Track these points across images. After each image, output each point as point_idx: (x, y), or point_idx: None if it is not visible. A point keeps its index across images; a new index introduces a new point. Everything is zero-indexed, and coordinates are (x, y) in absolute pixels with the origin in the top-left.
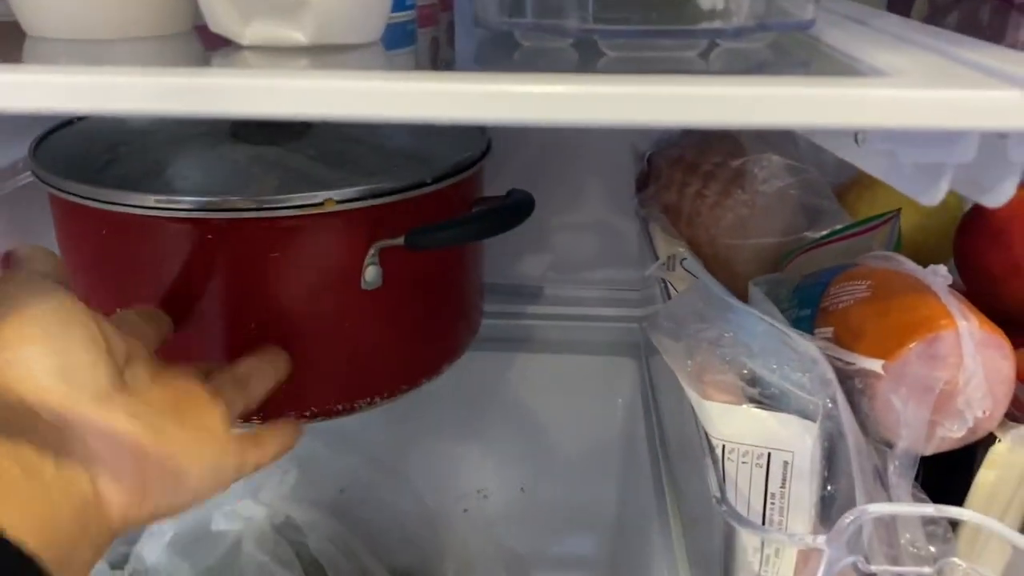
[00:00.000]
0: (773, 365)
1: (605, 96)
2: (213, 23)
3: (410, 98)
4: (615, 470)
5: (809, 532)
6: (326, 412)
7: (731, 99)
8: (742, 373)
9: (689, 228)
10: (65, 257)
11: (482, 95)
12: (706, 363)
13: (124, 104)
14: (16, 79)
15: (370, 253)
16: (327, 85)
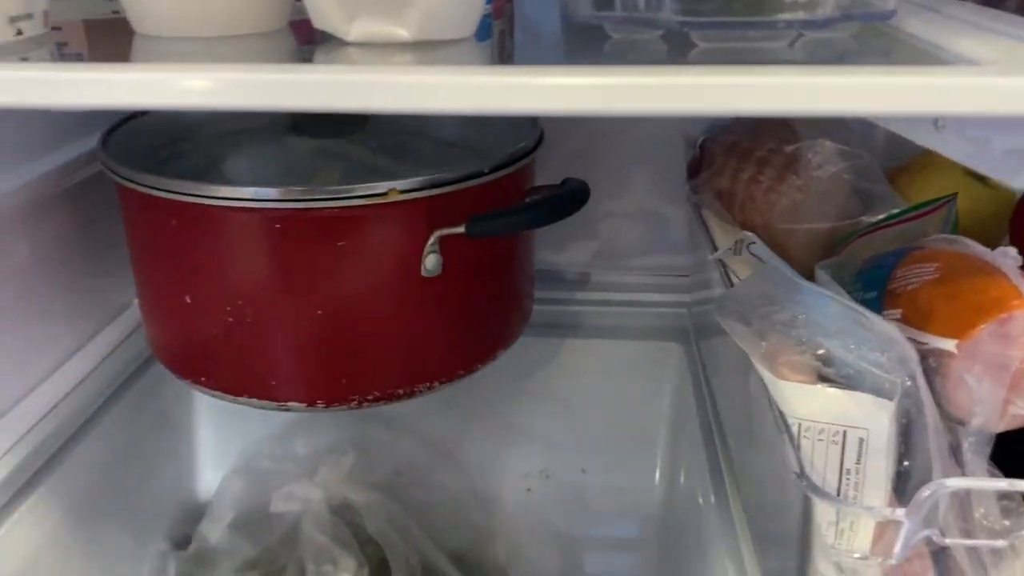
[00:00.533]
0: (851, 345)
1: (694, 85)
2: (318, 20)
3: (530, 90)
4: (662, 454)
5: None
6: (387, 396)
7: (829, 87)
8: (817, 353)
9: (743, 213)
10: (133, 248)
11: (601, 86)
12: (780, 344)
13: (250, 100)
14: (138, 77)
15: (430, 241)
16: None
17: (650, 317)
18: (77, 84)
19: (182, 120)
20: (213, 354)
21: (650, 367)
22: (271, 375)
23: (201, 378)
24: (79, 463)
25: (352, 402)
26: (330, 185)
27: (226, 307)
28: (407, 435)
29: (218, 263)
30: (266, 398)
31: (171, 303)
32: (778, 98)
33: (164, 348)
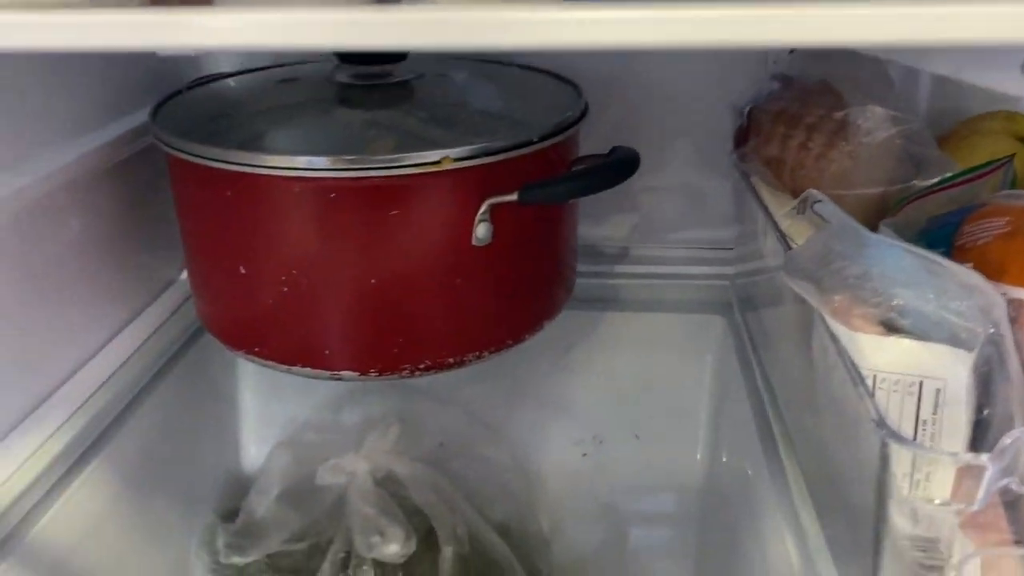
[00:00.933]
0: (929, 295)
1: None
2: None
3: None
4: (704, 426)
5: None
6: (438, 365)
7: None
8: (892, 304)
9: (793, 180)
10: (185, 221)
11: None
12: (854, 298)
13: (377, 40)
14: (268, 18)
15: (481, 210)
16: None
17: (691, 290)
18: (210, 28)
19: (228, 95)
20: (267, 324)
21: (691, 340)
22: (325, 344)
23: (255, 348)
24: (132, 435)
25: (404, 371)
26: (384, 154)
27: (281, 277)
28: (451, 407)
29: (273, 233)
30: (319, 367)
31: (225, 275)
32: (887, 28)
33: (216, 320)
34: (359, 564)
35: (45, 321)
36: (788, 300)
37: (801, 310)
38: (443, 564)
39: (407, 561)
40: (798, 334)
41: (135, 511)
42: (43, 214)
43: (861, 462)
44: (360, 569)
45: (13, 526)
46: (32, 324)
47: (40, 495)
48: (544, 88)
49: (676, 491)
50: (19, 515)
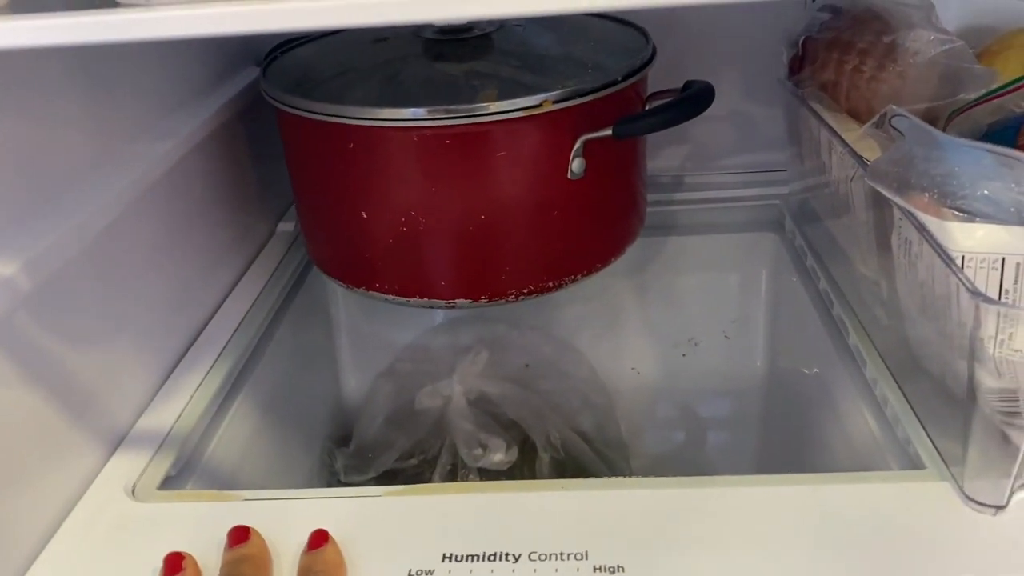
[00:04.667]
0: (1011, 184)
1: None
2: None
3: None
4: (763, 334)
5: None
6: (540, 289)
7: None
8: (978, 196)
9: (848, 101)
10: (302, 172)
11: None
12: (943, 193)
13: None
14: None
15: (576, 146)
16: None
17: (744, 211)
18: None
19: (327, 54)
20: (387, 262)
21: (747, 256)
22: (440, 276)
23: (375, 284)
24: (264, 371)
25: (510, 296)
26: (491, 101)
27: (400, 219)
28: (532, 331)
29: (393, 180)
30: (436, 297)
31: (347, 221)
32: None
33: (336, 262)
34: (466, 475)
35: (183, 272)
36: (859, 207)
37: (873, 214)
38: (541, 468)
39: (508, 469)
40: (868, 235)
41: (273, 438)
42: (176, 176)
43: (950, 332)
44: (467, 478)
45: (195, 446)
46: (178, 273)
47: (208, 422)
48: (608, 31)
49: (737, 394)
50: (196, 439)
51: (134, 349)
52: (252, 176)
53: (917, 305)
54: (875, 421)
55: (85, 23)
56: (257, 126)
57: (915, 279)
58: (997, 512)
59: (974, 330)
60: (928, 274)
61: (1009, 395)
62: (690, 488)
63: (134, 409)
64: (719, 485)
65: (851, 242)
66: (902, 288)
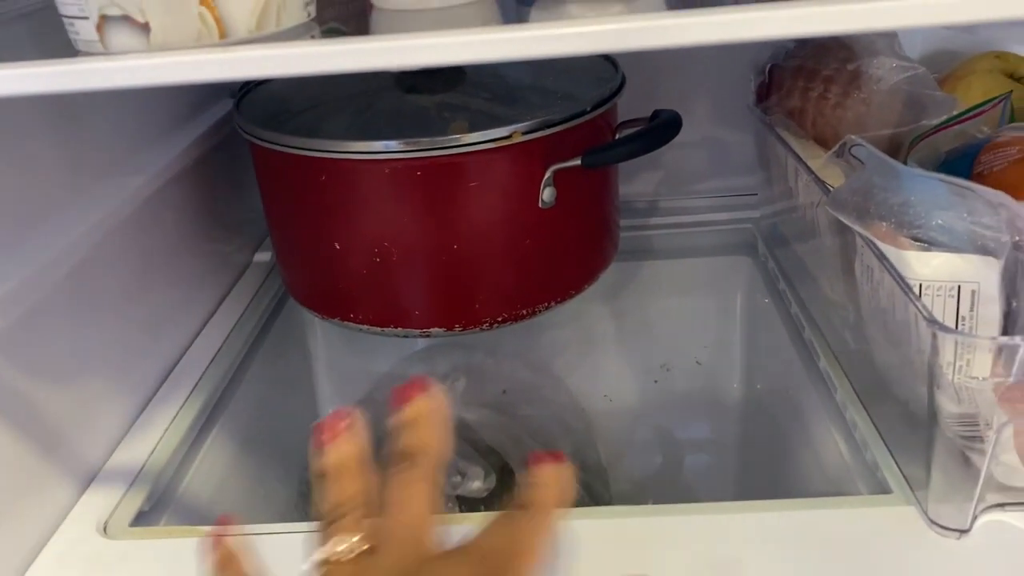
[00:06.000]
0: (964, 214)
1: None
2: None
3: None
4: (739, 356)
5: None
6: (514, 317)
7: None
8: (932, 225)
9: (814, 128)
10: (275, 205)
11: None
12: (900, 222)
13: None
14: (444, 40)
15: (546, 176)
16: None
17: (717, 235)
18: (397, 49)
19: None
20: (361, 292)
21: (722, 280)
22: (414, 306)
23: (350, 315)
24: (240, 402)
25: (484, 324)
26: (462, 133)
27: (373, 249)
28: (510, 359)
29: (365, 211)
30: (410, 327)
31: (320, 252)
32: (916, 14)
33: (310, 292)
34: (444, 503)
35: (158, 305)
36: (824, 232)
37: (839, 240)
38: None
39: (487, 496)
40: (835, 260)
41: (249, 469)
42: (150, 209)
43: (911, 358)
44: (446, 507)
45: (169, 480)
46: (153, 306)
47: (183, 455)
48: (579, 60)
49: (715, 417)
50: (170, 473)
51: (107, 383)
52: (228, 207)
53: (880, 331)
54: (845, 445)
55: (43, 73)
56: (234, 157)
57: (877, 305)
58: (961, 536)
59: (932, 357)
60: (889, 301)
61: (969, 420)
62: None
63: (107, 444)
64: (687, 513)
65: (819, 267)
66: (866, 314)
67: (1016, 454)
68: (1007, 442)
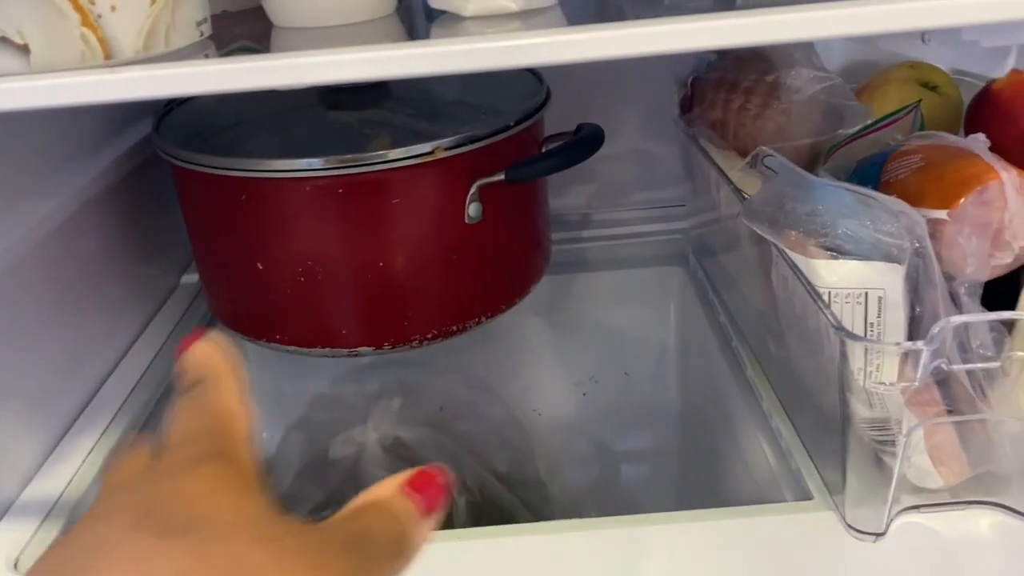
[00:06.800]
0: (867, 223)
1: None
2: (436, 1)
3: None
4: (674, 365)
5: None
6: (444, 334)
7: (865, 14)
8: (838, 234)
9: (736, 139)
10: (197, 226)
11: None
12: (807, 232)
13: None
14: (340, 58)
15: (471, 191)
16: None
17: (649, 246)
18: (296, 67)
19: (220, 105)
20: (286, 313)
21: (655, 290)
22: (341, 325)
23: (276, 336)
24: None
25: (414, 341)
26: (383, 150)
27: (297, 269)
28: (447, 374)
29: (288, 231)
30: (338, 346)
31: (244, 273)
32: (821, 26)
33: (235, 315)
34: None
35: (77, 332)
36: (745, 242)
37: (758, 249)
38: (458, 513)
39: None
40: (756, 270)
41: None
42: (66, 233)
43: (824, 365)
44: None
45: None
46: (71, 332)
47: None
48: (505, 74)
49: (654, 426)
50: (87, 506)
51: (20, 415)
52: (153, 228)
53: (797, 339)
54: (772, 453)
55: None
56: (159, 177)
57: (793, 313)
58: (877, 539)
59: (842, 364)
60: (802, 309)
61: (881, 424)
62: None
63: (20, 478)
64: (610, 527)
65: (742, 276)
66: (784, 322)
67: (928, 456)
68: (918, 445)
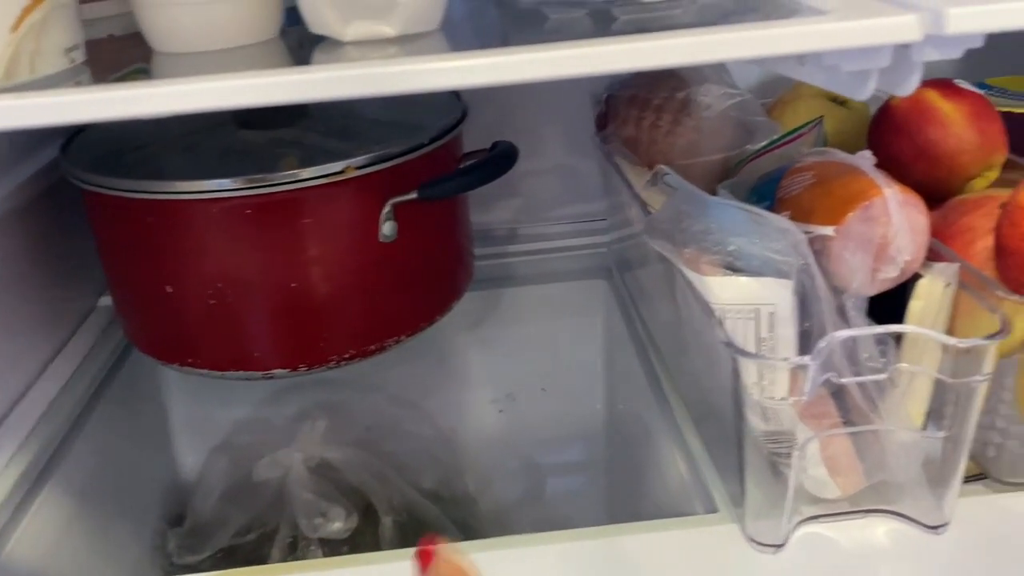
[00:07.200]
0: (755, 240)
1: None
2: (316, 26)
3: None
4: (600, 379)
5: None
6: (362, 353)
7: (741, 39)
8: (729, 251)
9: (648, 155)
10: (107, 249)
11: (537, 59)
12: (700, 249)
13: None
14: (210, 86)
15: (385, 210)
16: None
17: (575, 260)
18: (158, 96)
19: (130, 126)
20: (198, 336)
21: (581, 303)
22: (255, 347)
23: (188, 359)
24: (79, 457)
25: (331, 362)
26: (292, 169)
27: (207, 291)
28: (373, 393)
29: (197, 253)
30: (252, 369)
31: (154, 296)
32: (690, 52)
33: (147, 338)
34: (307, 545)
35: None
36: (653, 259)
37: (664, 266)
38: (384, 533)
39: (351, 536)
40: (664, 286)
41: (90, 527)
42: None
43: (721, 380)
44: (308, 550)
45: None
46: None
47: (5, 520)
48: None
49: (583, 439)
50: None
51: None
52: (66, 251)
53: (699, 353)
54: (686, 466)
55: None
56: (72, 198)
57: (694, 329)
58: (777, 551)
59: (735, 379)
60: (700, 325)
61: (778, 437)
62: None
63: None
64: (521, 545)
65: (654, 291)
66: (687, 337)
67: (824, 467)
68: (814, 456)
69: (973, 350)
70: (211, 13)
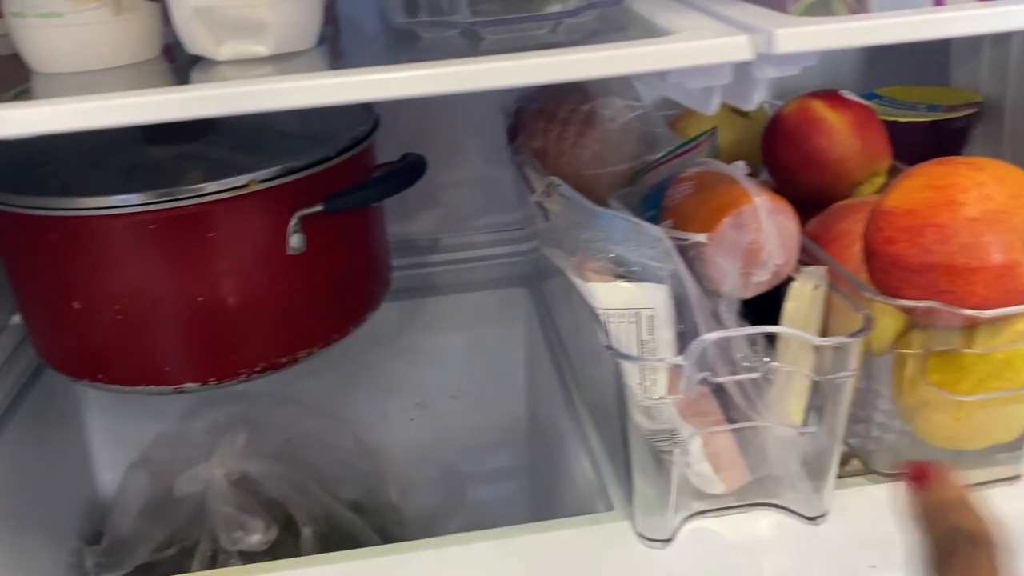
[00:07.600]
0: (634, 248)
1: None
2: (191, 46)
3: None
4: (522, 387)
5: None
6: (273, 366)
7: (589, 60)
8: (610, 258)
9: (556, 166)
10: (13, 266)
11: (427, 76)
12: (585, 256)
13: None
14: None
15: (292, 223)
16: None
17: (496, 268)
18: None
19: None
20: (107, 351)
21: (503, 312)
22: (164, 362)
23: (98, 375)
24: None
25: (241, 375)
26: (196, 184)
27: (114, 307)
28: (292, 405)
29: (102, 268)
30: (162, 384)
31: (60, 312)
32: (552, 71)
33: (57, 354)
34: (227, 559)
35: None
36: (558, 268)
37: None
38: (304, 544)
39: (271, 548)
40: (566, 294)
41: (2, 547)
42: None
43: (609, 382)
44: (228, 563)
45: None
46: None
47: None
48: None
49: (507, 445)
50: None
51: None
52: None
53: (592, 357)
54: (591, 468)
55: None
56: None
57: (588, 335)
58: (665, 546)
59: (619, 380)
60: (590, 329)
61: (663, 435)
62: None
63: None
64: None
65: (562, 299)
66: (584, 344)
67: (709, 463)
68: (698, 452)
69: (840, 348)
70: (89, 34)
